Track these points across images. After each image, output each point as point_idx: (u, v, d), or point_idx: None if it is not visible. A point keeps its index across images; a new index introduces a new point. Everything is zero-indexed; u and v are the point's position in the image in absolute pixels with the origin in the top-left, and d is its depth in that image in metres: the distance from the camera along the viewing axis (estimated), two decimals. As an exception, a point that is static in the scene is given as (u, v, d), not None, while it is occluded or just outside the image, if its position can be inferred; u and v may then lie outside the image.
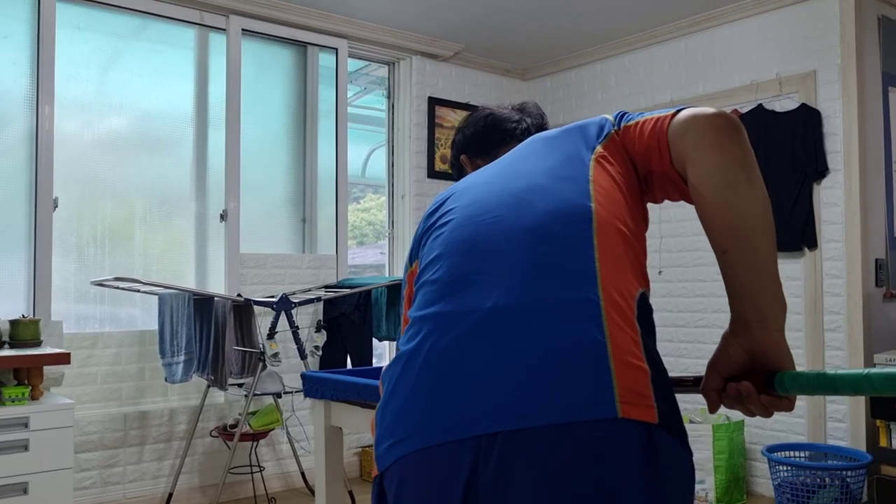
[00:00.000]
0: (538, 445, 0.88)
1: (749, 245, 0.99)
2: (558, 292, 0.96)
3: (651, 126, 1.12)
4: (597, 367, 0.90)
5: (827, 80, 3.90)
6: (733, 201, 1.00)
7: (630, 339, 0.94)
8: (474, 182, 1.20)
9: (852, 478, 3.52)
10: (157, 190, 4.09)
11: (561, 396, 0.89)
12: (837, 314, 3.83)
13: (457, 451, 0.91)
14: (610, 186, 1.09)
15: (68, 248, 3.79)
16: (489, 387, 0.92)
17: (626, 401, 0.89)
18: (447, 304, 1.02)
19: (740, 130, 1.04)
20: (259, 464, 4.11)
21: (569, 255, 1.00)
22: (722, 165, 1.01)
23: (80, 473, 3.67)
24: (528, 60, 5.33)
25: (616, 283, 0.98)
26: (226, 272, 4.19)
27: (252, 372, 3.76)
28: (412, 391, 0.99)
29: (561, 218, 1.04)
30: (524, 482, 0.87)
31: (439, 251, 1.11)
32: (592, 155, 1.13)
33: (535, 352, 0.92)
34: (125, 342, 3.88)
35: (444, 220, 1.16)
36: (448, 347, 0.98)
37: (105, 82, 3.95)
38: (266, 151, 4.48)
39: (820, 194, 3.92)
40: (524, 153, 1.21)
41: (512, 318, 0.96)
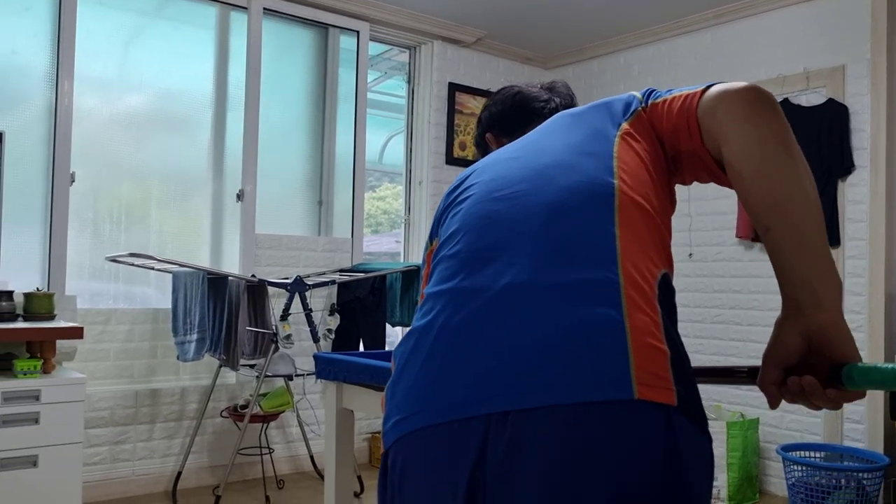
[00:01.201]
0: (551, 425, 0.84)
1: (793, 220, 0.93)
2: (576, 271, 0.93)
3: (680, 103, 1.08)
4: (613, 347, 0.86)
5: (856, 75, 3.83)
6: (773, 174, 0.94)
7: (650, 320, 0.90)
8: (497, 158, 1.17)
9: (868, 480, 3.46)
10: (175, 169, 4.07)
11: (575, 376, 0.85)
12: (859, 314, 3.77)
13: (465, 430, 0.88)
14: (635, 164, 1.05)
15: (84, 223, 3.78)
16: (501, 365, 0.89)
17: (644, 382, 0.85)
18: (462, 281, 0.99)
19: (773, 103, 0.99)
20: (268, 446, 4.10)
21: (589, 232, 0.96)
22: (758, 139, 0.96)
23: (89, 449, 3.67)
24: (550, 49, 5.28)
25: (637, 263, 0.94)
26: (241, 253, 4.18)
27: (264, 353, 3.75)
28: (422, 367, 0.95)
29: (582, 194, 1.00)
30: (536, 462, 0.83)
31: (457, 226, 1.08)
32: (618, 132, 1.09)
33: (549, 331, 0.89)
34: (139, 319, 3.88)
35: (465, 195, 1.13)
36: (460, 324, 0.94)
37: (125, 59, 3.94)
38: (284, 133, 4.46)
39: (845, 191, 3.84)
40: (549, 129, 1.18)
41: (527, 297, 0.92)
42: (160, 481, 3.86)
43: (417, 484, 0.93)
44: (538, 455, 0.83)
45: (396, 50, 5.02)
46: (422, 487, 0.92)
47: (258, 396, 3.75)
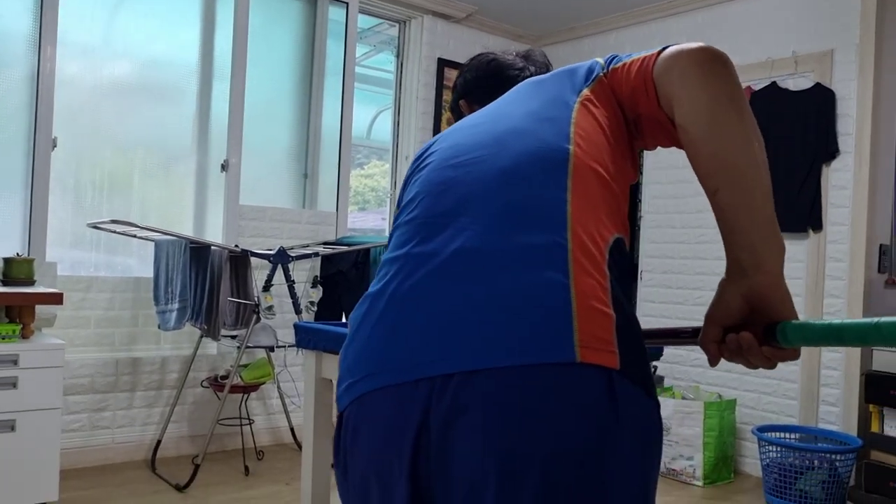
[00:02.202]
0: (492, 388, 0.84)
1: (741, 182, 0.94)
2: (525, 236, 0.93)
3: (637, 66, 1.07)
4: (557, 310, 0.87)
5: (844, 61, 3.83)
6: (721, 136, 0.95)
7: (597, 283, 0.90)
8: (460, 126, 1.17)
9: (841, 462, 3.51)
10: (159, 138, 4.04)
11: (518, 339, 0.85)
12: (838, 298, 3.80)
13: (411, 392, 0.89)
14: (593, 129, 1.05)
15: (66, 190, 3.75)
16: (447, 327, 0.89)
17: (586, 345, 0.85)
18: (415, 246, 0.99)
19: (726, 63, 0.99)
20: (249, 417, 4.11)
21: (540, 197, 0.96)
22: (708, 101, 0.96)
23: (69, 416, 3.66)
24: (541, 26, 5.25)
25: (587, 228, 0.94)
26: (224, 223, 4.16)
27: (246, 324, 3.74)
28: (372, 332, 0.96)
29: (536, 160, 1.00)
30: (476, 425, 0.84)
31: (414, 193, 1.09)
32: (578, 98, 1.09)
33: (494, 294, 0.89)
34: (119, 288, 3.86)
35: (426, 163, 1.14)
36: (411, 288, 0.95)
37: (110, 25, 3.89)
38: (270, 105, 4.42)
39: (828, 176, 3.86)
40: (512, 97, 1.18)
41: (475, 261, 0.92)
42: (139, 449, 3.86)
43: (367, 446, 0.93)
44: (478, 418, 0.84)
45: (386, 24, 4.98)
46: (371, 449, 0.93)
47: (239, 367, 3.75)
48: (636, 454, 0.86)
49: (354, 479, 0.97)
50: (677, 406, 3.95)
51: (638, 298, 4.73)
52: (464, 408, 0.85)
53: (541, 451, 0.82)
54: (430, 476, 0.88)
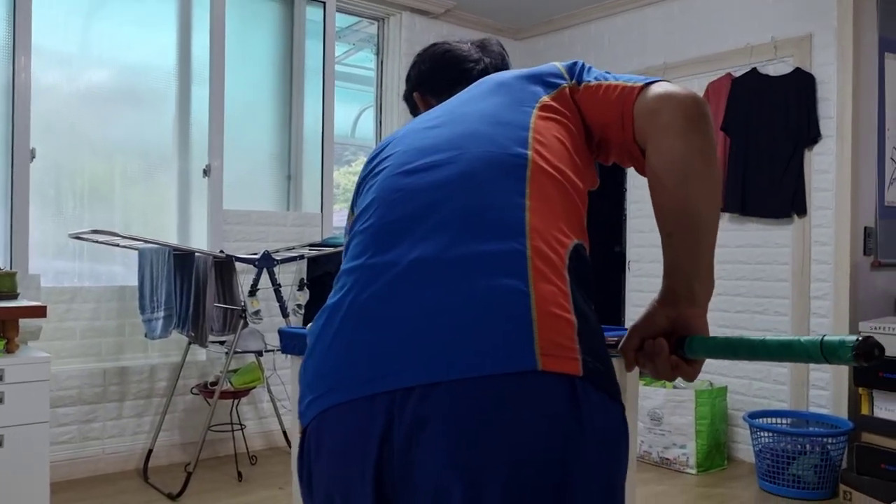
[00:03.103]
0: (454, 399, 0.83)
1: (696, 232, 1.00)
2: (484, 243, 0.92)
3: (617, 95, 1.07)
4: (517, 318, 0.86)
5: (823, 44, 3.83)
6: (689, 193, 0.99)
7: (557, 290, 0.90)
8: (415, 126, 1.15)
9: (832, 445, 3.53)
10: (139, 144, 4.00)
11: (478, 349, 0.84)
12: (824, 282, 3.81)
13: (371, 407, 0.87)
14: (551, 136, 1.05)
15: (46, 201, 3.72)
16: (405, 339, 0.88)
17: (547, 353, 0.84)
18: (372, 257, 0.97)
19: (708, 119, 1.01)
20: (240, 422, 4.09)
21: (498, 204, 0.95)
22: (684, 157, 0.99)
23: (58, 428, 3.64)
24: (520, 20, 5.23)
25: (546, 234, 0.94)
26: (209, 229, 4.13)
27: (233, 329, 3.72)
28: (331, 346, 0.94)
29: (494, 165, 0.99)
30: (439, 438, 0.83)
31: (370, 199, 1.06)
32: (537, 103, 1.09)
33: (453, 303, 0.88)
34: (104, 297, 3.83)
35: (380, 167, 1.11)
36: (368, 300, 0.93)
37: (85, 32, 3.85)
38: (251, 107, 4.39)
39: (811, 161, 3.87)
40: (469, 97, 1.16)
41: (433, 270, 0.91)
42: (131, 459, 3.84)
43: (330, 463, 0.92)
44: (441, 431, 0.83)
45: (366, 22, 4.95)
46: (334, 466, 0.91)
47: (228, 373, 3.73)
48: (601, 461, 0.86)
49: (319, 497, 0.95)
50: (668, 395, 3.95)
51: (627, 289, 4.73)
52: (425, 421, 0.83)
53: (503, 462, 0.81)
54: (395, 489, 0.86)
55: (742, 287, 4.13)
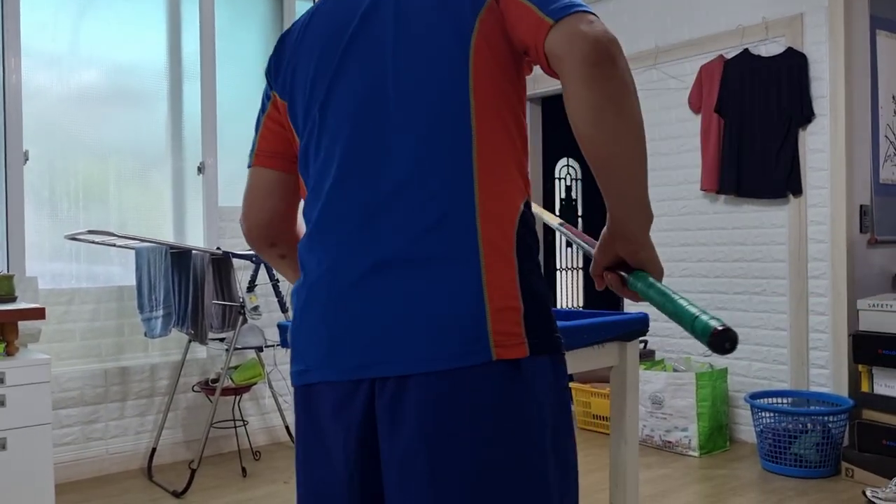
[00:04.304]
0: (424, 389, 1.00)
1: (614, 172, 1.01)
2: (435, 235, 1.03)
3: (529, 24, 1.03)
4: (474, 319, 1.00)
5: (814, 24, 3.83)
6: (601, 139, 1.00)
7: (506, 279, 1.03)
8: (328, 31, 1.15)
9: (833, 423, 3.54)
10: (132, 144, 4.00)
11: (443, 346, 1.00)
12: (821, 261, 3.82)
13: (356, 389, 1.06)
14: (490, 91, 1.06)
15: (42, 203, 3.71)
16: (382, 335, 1.03)
17: (500, 344, 1.00)
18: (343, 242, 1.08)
19: (614, 60, 0.98)
20: (242, 418, 4.10)
21: (447, 194, 1.04)
22: (591, 104, 0.98)
23: (61, 430, 3.64)
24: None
25: (497, 221, 1.04)
26: (204, 226, 4.13)
27: (232, 326, 3.73)
28: (317, 326, 1.09)
29: (435, 149, 1.05)
30: (413, 419, 1.00)
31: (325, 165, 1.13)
32: (473, 31, 1.06)
33: (420, 300, 1.02)
34: (103, 298, 3.83)
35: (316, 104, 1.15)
36: (347, 290, 1.06)
37: (74, 33, 3.83)
38: (243, 103, 4.38)
39: (805, 140, 3.87)
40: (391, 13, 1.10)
41: (400, 269, 1.03)
42: (134, 459, 3.85)
43: (320, 423, 1.11)
44: (415, 414, 1.00)
45: (355, 14, 4.93)
46: (323, 425, 1.11)
47: (229, 369, 3.73)
48: (545, 416, 1.04)
49: (315, 447, 1.13)
50: (669, 379, 3.96)
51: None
52: (401, 406, 1.01)
53: (467, 445, 0.99)
54: (374, 450, 1.06)
55: (739, 268, 4.14)
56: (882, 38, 3.94)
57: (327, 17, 1.16)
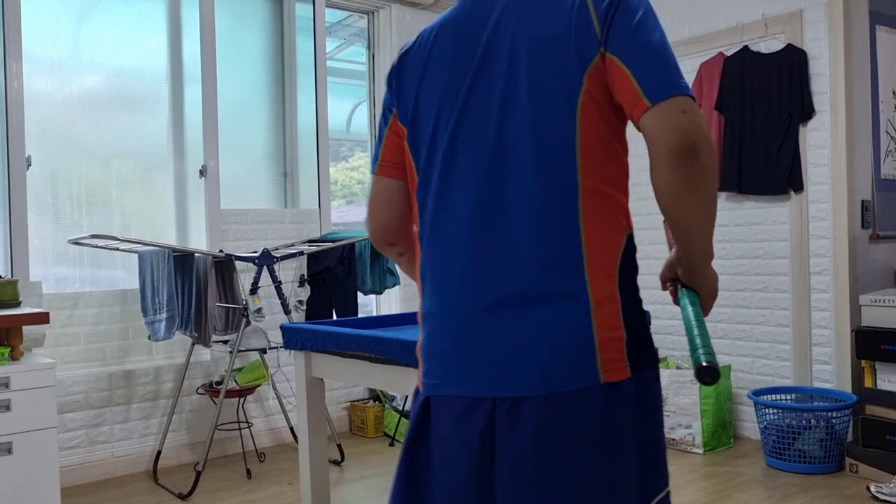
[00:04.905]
0: (540, 408, 1.16)
1: (686, 236, 1.18)
2: (552, 282, 1.17)
3: (629, 98, 1.14)
4: (584, 350, 1.16)
5: (813, 20, 3.83)
6: (678, 213, 1.14)
7: (612, 310, 1.17)
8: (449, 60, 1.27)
9: (837, 418, 3.54)
10: (134, 147, 4.01)
11: (555, 373, 1.16)
12: (823, 257, 3.82)
13: (479, 404, 1.21)
14: (595, 142, 1.18)
15: (44, 208, 3.73)
16: (502, 362, 1.19)
17: (606, 369, 1.16)
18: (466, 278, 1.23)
19: (697, 154, 1.09)
20: (247, 420, 4.11)
21: (558, 241, 1.18)
22: (673, 186, 1.12)
23: (66, 433, 3.66)
24: (510, 7, 5.22)
25: (601, 262, 1.18)
26: (207, 229, 4.14)
27: (236, 328, 3.74)
28: (447, 349, 1.25)
29: (546, 201, 1.18)
30: (529, 434, 1.16)
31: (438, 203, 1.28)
32: (580, 92, 1.16)
33: (537, 333, 1.17)
34: (107, 301, 3.84)
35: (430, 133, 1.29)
36: (471, 322, 1.22)
37: (75, 38, 3.85)
38: (245, 106, 4.39)
39: (806, 136, 3.87)
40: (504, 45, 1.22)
41: (519, 305, 1.18)
42: (140, 461, 3.86)
43: (443, 433, 1.26)
44: (531, 430, 1.16)
45: (356, 16, 4.95)
46: (445, 437, 1.26)
47: (233, 371, 3.74)
48: (645, 425, 1.20)
49: (434, 455, 1.29)
50: (673, 376, 3.97)
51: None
52: (519, 422, 1.17)
53: (580, 457, 1.16)
54: (493, 457, 1.21)
55: (742, 265, 4.14)
56: (882, 34, 3.94)
57: (448, 58, 1.28)
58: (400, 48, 1.40)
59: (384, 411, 4.49)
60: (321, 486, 2.49)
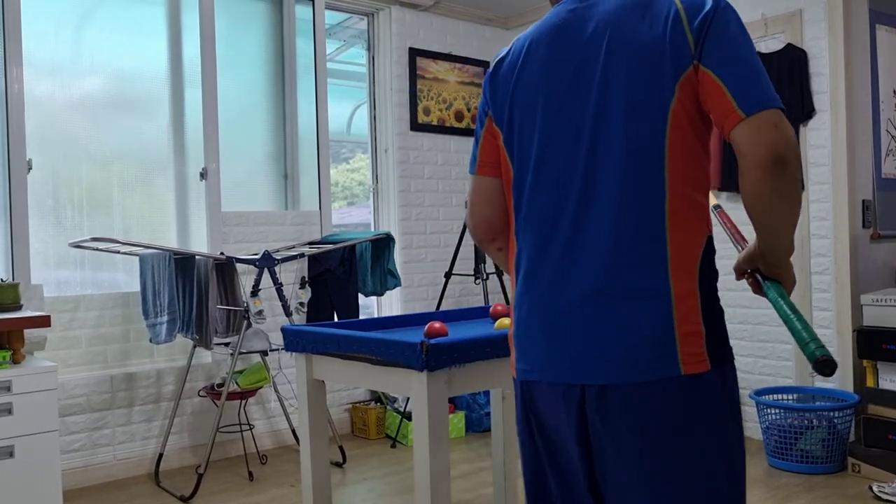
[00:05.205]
0: (626, 397, 1.26)
1: (772, 235, 1.27)
2: (636, 279, 1.26)
3: (723, 108, 1.21)
4: (665, 343, 1.24)
5: (813, 19, 3.83)
6: (766, 217, 1.24)
7: (691, 306, 1.26)
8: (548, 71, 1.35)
9: (839, 418, 3.54)
10: (135, 150, 4.01)
11: (639, 363, 1.25)
12: (824, 256, 3.81)
13: (570, 390, 1.32)
14: (682, 148, 1.25)
15: (45, 211, 3.73)
16: (589, 352, 1.28)
17: (687, 362, 1.25)
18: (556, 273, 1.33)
19: (786, 165, 1.17)
20: (249, 422, 4.11)
21: (646, 240, 1.26)
22: (762, 194, 1.20)
23: (68, 436, 3.66)
24: (509, 8, 5.23)
25: (684, 261, 1.26)
26: (208, 231, 4.14)
27: (237, 330, 3.74)
28: (538, 339, 1.36)
29: (635, 202, 1.27)
30: (618, 418, 1.26)
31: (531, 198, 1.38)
32: (672, 102, 1.24)
33: (623, 326, 1.26)
34: (108, 304, 3.85)
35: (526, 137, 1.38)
36: (559, 314, 1.32)
37: (76, 41, 3.85)
38: (245, 108, 4.40)
39: (807, 136, 3.87)
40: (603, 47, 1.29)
41: (604, 300, 1.28)
42: (142, 464, 3.86)
43: (544, 414, 1.38)
44: (620, 414, 1.26)
45: (356, 18, 4.95)
46: (546, 419, 1.38)
47: (234, 374, 3.74)
48: (719, 414, 1.28)
49: (539, 437, 1.41)
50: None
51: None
52: (606, 409, 1.28)
53: (666, 438, 1.26)
54: (589, 437, 1.32)
55: (743, 265, 4.13)
56: (881, 33, 3.94)
57: (543, 64, 1.37)
58: (494, 56, 1.49)
59: (386, 413, 4.49)
60: (323, 487, 2.49)
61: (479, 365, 2.13)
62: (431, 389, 2.00)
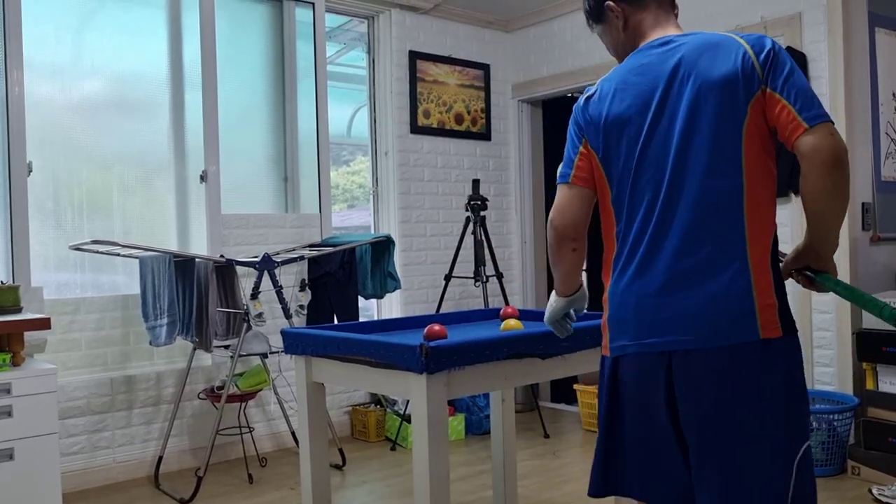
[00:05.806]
0: (708, 357, 1.54)
1: (825, 229, 1.56)
2: (717, 254, 1.55)
3: (788, 122, 1.51)
4: (746, 313, 1.53)
5: (812, 22, 3.83)
6: (822, 211, 1.53)
7: (767, 283, 1.55)
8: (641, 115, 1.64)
9: (839, 421, 3.54)
10: (135, 153, 4.02)
11: (725, 328, 1.53)
12: (824, 259, 3.81)
13: (658, 359, 1.60)
14: (755, 158, 1.55)
15: (46, 213, 3.73)
16: (677, 324, 1.57)
17: (764, 327, 1.53)
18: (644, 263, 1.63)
19: (842, 165, 1.48)
20: (248, 425, 4.11)
21: (728, 232, 1.56)
22: (821, 191, 1.50)
23: (68, 439, 3.66)
24: (510, 11, 5.23)
25: (758, 248, 1.55)
26: (208, 233, 4.15)
27: (237, 333, 3.74)
28: (631, 318, 1.64)
29: (716, 202, 1.56)
30: (703, 380, 1.54)
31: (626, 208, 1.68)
32: (744, 122, 1.54)
33: (708, 299, 1.55)
34: (108, 307, 3.85)
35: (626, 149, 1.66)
36: (649, 297, 1.61)
37: (76, 44, 3.86)
38: (245, 111, 4.40)
39: (806, 139, 3.86)
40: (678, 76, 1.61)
41: (690, 275, 1.57)
42: (141, 467, 3.86)
43: (633, 387, 1.65)
44: (705, 376, 1.54)
45: (356, 21, 4.96)
46: (635, 390, 1.65)
47: (234, 376, 3.74)
48: (795, 378, 1.57)
49: (627, 410, 1.68)
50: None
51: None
52: (693, 370, 1.56)
53: (749, 394, 1.53)
54: (677, 405, 1.59)
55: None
56: (881, 36, 3.95)
57: (632, 95, 1.66)
58: (584, 92, 1.78)
59: (385, 415, 4.49)
60: (322, 490, 2.49)
61: (479, 367, 2.13)
62: (431, 392, 2.00)
